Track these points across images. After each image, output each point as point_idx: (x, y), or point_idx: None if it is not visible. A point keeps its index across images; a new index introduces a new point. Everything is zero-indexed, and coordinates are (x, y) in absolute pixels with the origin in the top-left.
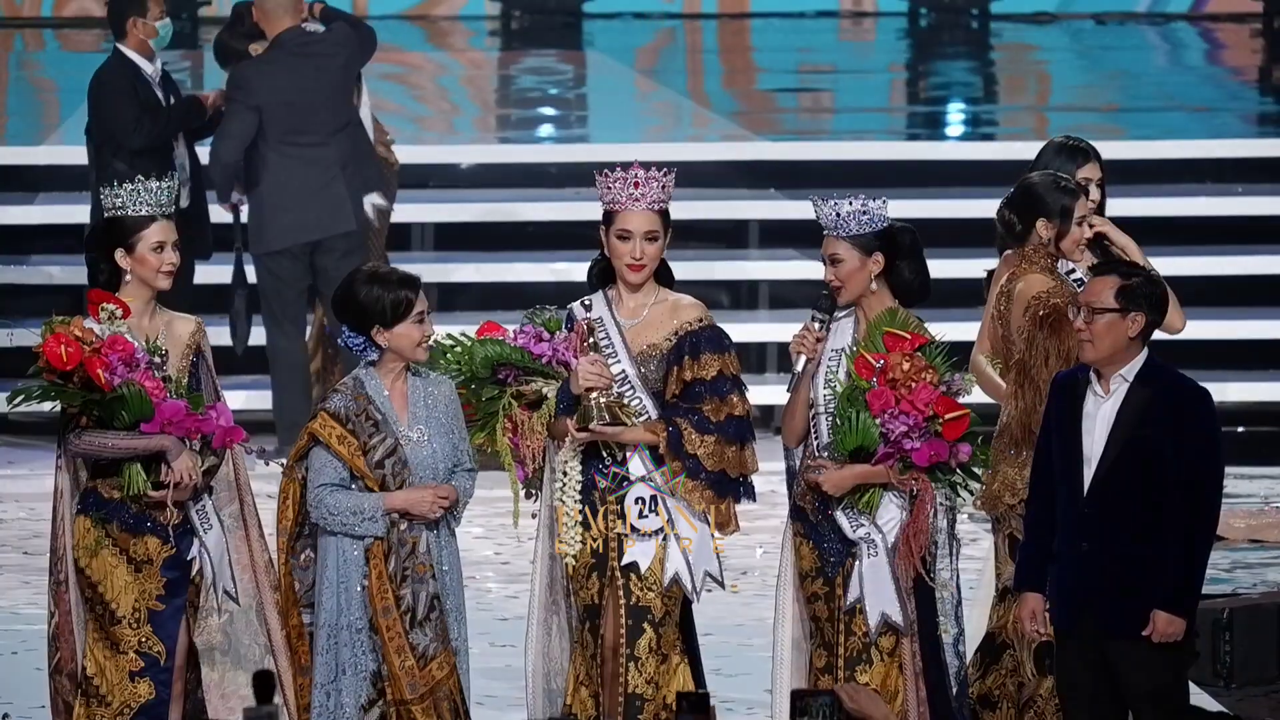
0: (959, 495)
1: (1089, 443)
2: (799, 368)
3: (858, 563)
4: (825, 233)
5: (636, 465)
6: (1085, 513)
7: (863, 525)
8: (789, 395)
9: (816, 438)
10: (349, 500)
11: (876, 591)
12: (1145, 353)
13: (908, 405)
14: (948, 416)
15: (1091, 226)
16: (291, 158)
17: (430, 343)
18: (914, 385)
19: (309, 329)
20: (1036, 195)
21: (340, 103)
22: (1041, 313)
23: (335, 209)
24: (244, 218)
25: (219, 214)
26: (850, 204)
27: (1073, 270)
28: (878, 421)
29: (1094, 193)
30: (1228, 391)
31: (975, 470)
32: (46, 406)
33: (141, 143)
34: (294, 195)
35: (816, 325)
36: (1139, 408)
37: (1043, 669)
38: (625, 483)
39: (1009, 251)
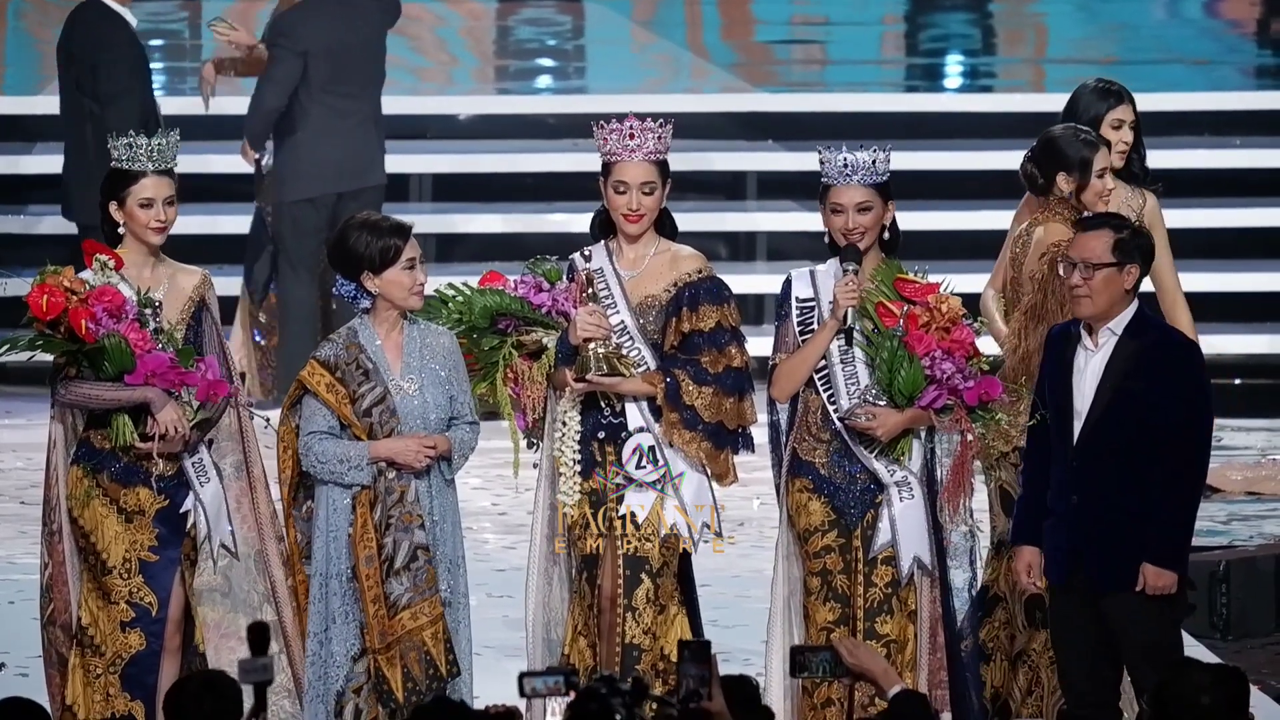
0: (992, 432)
1: (1079, 397)
2: (852, 321)
3: (887, 508)
4: (849, 180)
5: (634, 416)
6: (1074, 466)
7: (897, 470)
8: (807, 347)
9: (828, 389)
10: (336, 448)
11: (909, 534)
12: (1135, 305)
13: (952, 345)
14: (987, 355)
15: (1109, 190)
16: (330, 107)
17: (421, 289)
18: (951, 328)
19: None
20: (1057, 149)
21: (374, 56)
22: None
23: (367, 162)
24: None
25: (238, 164)
26: (880, 151)
27: None
28: (924, 365)
29: (1126, 134)
30: (1225, 344)
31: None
32: (24, 356)
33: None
34: (329, 144)
35: (855, 276)
36: (1127, 360)
37: (1034, 621)
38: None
39: (1029, 195)
